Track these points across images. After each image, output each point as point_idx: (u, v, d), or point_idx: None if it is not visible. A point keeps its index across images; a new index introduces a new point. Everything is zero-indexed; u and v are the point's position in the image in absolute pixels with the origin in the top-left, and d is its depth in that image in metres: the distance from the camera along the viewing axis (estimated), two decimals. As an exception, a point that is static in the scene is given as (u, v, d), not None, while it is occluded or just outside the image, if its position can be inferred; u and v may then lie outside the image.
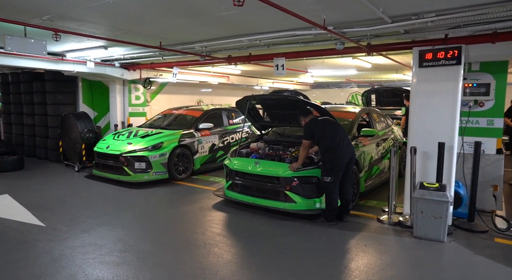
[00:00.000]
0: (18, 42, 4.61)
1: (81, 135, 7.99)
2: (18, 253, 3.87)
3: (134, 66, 9.05)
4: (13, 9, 4.27)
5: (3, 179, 7.32)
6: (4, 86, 10.74)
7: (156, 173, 6.82)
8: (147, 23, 4.98)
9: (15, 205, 5.55)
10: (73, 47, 6.98)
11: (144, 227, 4.78)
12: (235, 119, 9.07)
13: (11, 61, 7.09)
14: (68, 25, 4.93)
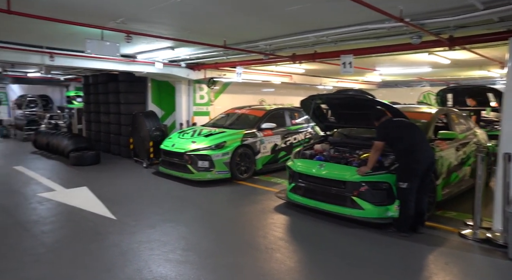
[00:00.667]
0: (96, 45, 4.90)
1: (149, 133, 8.38)
2: (92, 244, 4.08)
3: (199, 66, 9.28)
4: (92, 14, 4.53)
5: (83, 172, 7.94)
6: (86, 87, 11.75)
7: (219, 172, 6.87)
8: (213, 21, 4.99)
9: (92, 197, 5.94)
10: (143, 49, 7.32)
11: (206, 226, 4.80)
12: (297, 119, 8.85)
13: (90, 64, 7.67)
14: (139, 26, 5.13)
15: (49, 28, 5.25)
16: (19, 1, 3.91)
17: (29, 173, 7.77)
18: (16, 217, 4.98)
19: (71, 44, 6.77)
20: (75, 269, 3.51)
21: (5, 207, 5.37)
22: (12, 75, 13.57)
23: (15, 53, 6.84)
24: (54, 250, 3.93)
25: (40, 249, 3.96)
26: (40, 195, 6.05)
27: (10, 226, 4.63)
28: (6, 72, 12.17)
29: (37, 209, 5.37)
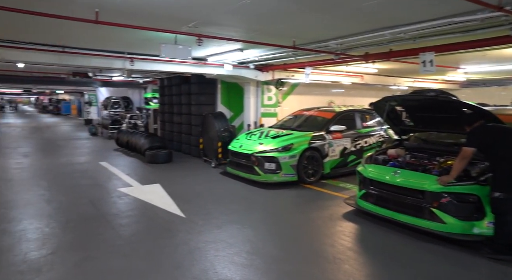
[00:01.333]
0: (170, 49, 5.14)
1: (218, 133, 8.60)
2: (163, 240, 4.26)
3: (267, 68, 9.28)
4: (167, 19, 4.75)
5: (157, 170, 8.43)
6: (161, 89, 12.53)
7: (285, 174, 6.77)
8: (282, 22, 4.91)
9: (164, 194, 6.25)
10: (214, 51, 7.53)
11: (271, 230, 4.73)
12: (369, 122, 8.38)
13: (165, 67, 8.14)
14: (209, 30, 5.25)
15: (129, 35, 5.64)
16: (104, 12, 4.23)
17: (112, 169, 8.47)
18: (100, 209, 5.43)
19: (148, 49, 7.22)
20: (148, 263, 3.68)
21: (92, 200, 5.89)
22: (100, 79, 15.01)
23: (102, 59, 7.53)
24: (130, 243, 4.18)
25: (118, 241, 4.24)
26: (119, 190, 6.54)
27: (95, 217, 5.05)
28: (96, 76, 13.49)
29: (116, 203, 5.80)
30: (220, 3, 4.07)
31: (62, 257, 3.79)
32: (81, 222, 4.84)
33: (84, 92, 25.38)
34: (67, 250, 3.98)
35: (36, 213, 5.22)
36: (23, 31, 5.84)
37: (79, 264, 3.63)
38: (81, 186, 6.84)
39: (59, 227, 4.65)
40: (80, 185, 6.87)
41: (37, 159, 9.80)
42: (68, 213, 5.22)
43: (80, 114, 28.73)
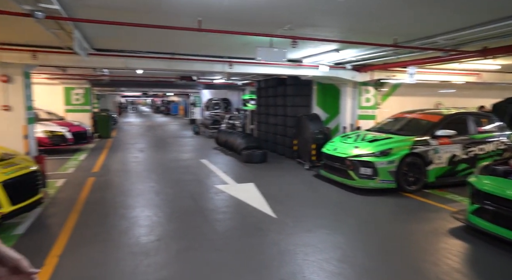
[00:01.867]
0: (265, 52, 5.27)
1: (312, 135, 8.51)
2: (254, 239, 4.39)
3: (365, 68, 8.84)
4: (263, 24, 4.88)
5: (251, 169, 8.75)
6: (258, 91, 12.97)
7: (383, 181, 6.35)
8: (381, 18, 4.60)
9: (257, 194, 6.44)
10: (309, 53, 7.48)
11: (364, 239, 4.47)
12: (486, 126, 7.32)
13: (261, 69, 8.40)
14: (304, 31, 5.23)
15: (228, 40, 5.97)
16: (207, 20, 4.55)
17: (211, 166, 9.08)
18: (199, 203, 5.86)
19: (245, 53, 7.53)
20: (238, 260, 3.82)
21: (193, 194, 6.40)
22: (203, 82, 16.24)
23: (204, 64, 8.15)
24: (223, 239, 4.40)
25: (213, 235, 4.51)
26: (216, 186, 6.96)
27: (194, 211, 5.47)
28: (199, 79, 14.65)
29: (213, 199, 6.19)
30: (316, 4, 4.02)
31: (166, 244, 4.19)
32: (183, 214, 5.29)
33: (189, 94, 27.83)
34: (171, 238, 4.39)
35: (146, 202, 5.88)
36: (142, 42, 6.66)
37: (180, 253, 3.97)
38: (184, 180, 7.48)
39: (165, 217, 5.16)
40: (184, 180, 7.53)
41: (149, 154, 11.08)
42: (172, 205, 5.76)
43: (186, 114, 31.55)
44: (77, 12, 4.40)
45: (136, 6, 4.21)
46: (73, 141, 11.16)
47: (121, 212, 5.33)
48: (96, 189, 6.65)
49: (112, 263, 3.68)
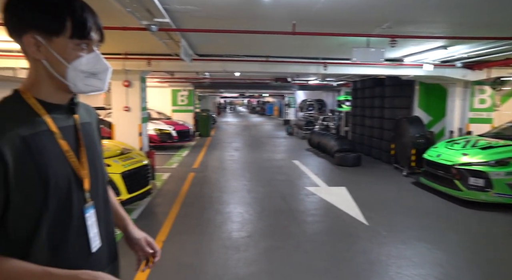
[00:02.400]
0: (361, 52, 5.06)
1: (412, 139, 7.87)
2: (343, 244, 4.27)
3: (480, 65, 7.80)
4: (360, 24, 4.70)
5: (344, 173, 8.50)
6: (354, 92, 12.52)
7: (498, 194, 5.54)
8: (502, 9, 4.01)
9: (348, 198, 6.24)
10: (410, 51, 6.93)
11: (471, 259, 3.97)
12: None
13: (357, 70, 8.10)
14: (405, 29, 4.87)
15: (323, 42, 5.90)
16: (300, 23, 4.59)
17: (302, 167, 9.10)
18: (289, 204, 5.94)
19: (341, 54, 7.34)
20: (326, 265, 3.77)
21: (283, 194, 6.52)
22: (297, 83, 16.33)
23: (298, 66, 8.21)
24: (312, 241, 4.39)
25: (302, 237, 4.52)
26: (307, 188, 6.95)
27: (284, 211, 5.57)
28: (294, 81, 14.78)
29: (304, 200, 6.19)
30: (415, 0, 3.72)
31: (256, 241, 4.36)
32: (272, 213, 5.43)
33: (284, 95, 28.26)
34: (260, 236, 4.55)
35: (239, 200, 6.19)
36: (239, 47, 7.03)
37: (268, 251, 4.09)
38: (276, 180, 7.65)
39: (255, 215, 5.36)
40: (275, 180, 7.70)
41: (244, 153, 11.60)
42: (263, 204, 5.94)
43: (280, 115, 32.12)
44: (184, 23, 4.87)
45: (234, 14, 4.47)
46: (178, 139, 12.34)
47: (216, 207, 5.72)
48: (195, 183, 7.25)
49: (206, 254, 3.97)
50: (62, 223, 1.02)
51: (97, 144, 1.21)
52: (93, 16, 1.03)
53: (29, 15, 0.97)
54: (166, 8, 4.03)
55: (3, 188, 0.91)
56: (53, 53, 0.99)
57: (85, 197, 1.08)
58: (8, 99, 1.02)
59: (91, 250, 1.10)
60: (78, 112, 1.14)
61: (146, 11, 3.81)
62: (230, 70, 8.48)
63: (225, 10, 4.26)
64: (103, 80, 1.07)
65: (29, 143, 0.95)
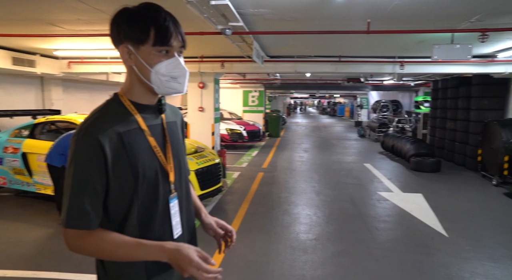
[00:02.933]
0: (444, 50, 4.66)
1: (504, 145, 7.02)
2: (418, 255, 3.99)
3: None
4: (443, 18, 4.33)
5: (421, 179, 7.92)
6: (434, 92, 11.58)
7: None
8: None
9: (425, 206, 5.80)
10: (506, 46, 6.18)
11: None
12: None
13: (438, 69, 7.49)
14: (499, 21, 4.36)
15: (399, 39, 5.57)
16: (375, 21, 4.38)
17: (374, 171, 8.69)
18: (359, 208, 5.72)
19: (420, 52, 6.87)
20: (398, 275, 3.56)
21: (353, 198, 6.30)
22: (371, 83, 15.65)
23: (372, 65, 7.87)
24: (382, 249, 4.17)
25: (372, 243, 4.33)
26: (379, 193, 6.62)
27: (353, 215, 5.38)
28: (367, 81, 14.18)
29: (375, 206, 5.92)
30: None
31: (323, 244, 4.29)
32: (341, 217, 5.28)
33: (357, 95, 27.26)
34: (328, 239, 4.46)
35: (307, 201, 6.14)
36: (310, 47, 6.97)
37: (335, 255, 3.99)
38: (345, 183, 7.43)
39: (323, 218, 5.27)
40: (344, 183, 7.48)
41: (313, 155, 11.46)
42: (331, 207, 5.82)
43: (352, 116, 31.06)
44: (256, 25, 4.98)
45: (306, 16, 4.45)
46: (248, 139, 12.65)
47: (284, 207, 5.74)
48: (264, 183, 7.36)
49: (274, 253, 4.02)
50: (149, 210, 1.16)
51: (181, 141, 1.34)
52: (174, 25, 1.13)
53: (123, 28, 1.13)
54: (240, 12, 4.17)
55: (105, 176, 1.07)
56: (140, 59, 1.13)
57: (171, 188, 1.22)
58: (110, 101, 1.20)
59: (173, 236, 1.22)
60: (165, 112, 1.27)
61: (221, 16, 3.98)
62: (301, 71, 8.45)
63: (297, 11, 4.26)
64: (182, 84, 1.17)
65: (123, 138, 1.11)
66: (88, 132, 1.07)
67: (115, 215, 1.13)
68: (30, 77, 8.59)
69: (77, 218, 1.06)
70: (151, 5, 1.13)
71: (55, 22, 4.84)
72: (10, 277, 3.47)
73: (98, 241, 1.08)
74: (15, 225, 4.86)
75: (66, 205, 1.08)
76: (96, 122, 1.10)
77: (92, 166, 1.06)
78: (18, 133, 6.06)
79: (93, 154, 1.06)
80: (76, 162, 1.07)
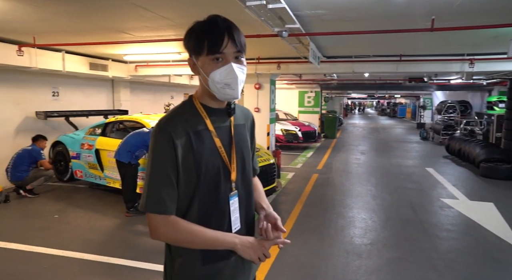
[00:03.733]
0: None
1: None
2: (487, 270, 3.70)
3: None
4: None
5: (492, 186, 7.29)
6: (510, 92, 10.53)
7: None
8: None
9: (497, 216, 5.34)
10: None
11: None
12: None
13: None
14: None
15: (468, 36, 5.18)
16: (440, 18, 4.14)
17: (437, 176, 8.16)
18: (419, 215, 5.43)
19: (492, 48, 6.31)
20: (461, 288, 3.35)
21: (412, 204, 6.00)
22: (436, 83, 14.68)
23: (437, 64, 7.40)
24: (445, 259, 3.93)
25: (433, 252, 4.10)
26: (443, 200, 6.22)
27: (413, 222, 5.13)
28: (431, 80, 13.33)
29: (437, 213, 5.57)
30: None
31: (378, 250, 4.15)
32: (399, 223, 5.06)
33: (420, 95, 25.71)
34: (383, 245, 4.30)
35: (363, 205, 5.96)
36: (368, 47, 6.75)
37: (392, 262, 3.84)
38: (404, 188, 7.08)
39: (379, 223, 5.09)
40: (404, 188, 7.13)
41: (371, 157, 11.07)
42: (388, 212, 5.59)
43: (414, 117, 29.37)
44: (313, 27, 4.96)
45: (365, 15, 4.34)
46: (303, 140, 12.58)
47: (339, 210, 5.65)
48: (318, 185, 7.29)
49: (326, 256, 3.98)
50: (209, 204, 1.27)
51: (247, 143, 1.42)
52: (229, 33, 1.21)
53: (187, 42, 1.27)
54: (296, 14, 4.19)
55: (176, 169, 1.21)
56: (199, 69, 1.25)
57: (231, 186, 1.31)
58: (185, 102, 1.33)
59: (232, 231, 1.32)
60: (234, 115, 1.37)
61: (278, 19, 4.03)
62: (359, 71, 8.22)
63: (356, 11, 4.18)
64: (236, 90, 1.24)
65: (192, 137, 1.22)
66: (163, 128, 1.21)
67: (180, 204, 1.25)
68: (103, 80, 9.40)
69: (154, 203, 1.20)
70: (209, 18, 1.23)
71: (125, 29, 5.27)
72: (87, 260, 3.87)
73: (178, 227, 1.21)
74: (89, 214, 5.38)
75: (145, 192, 1.22)
76: (170, 120, 1.23)
77: (167, 158, 1.19)
78: (92, 131, 6.68)
79: (167, 148, 1.19)
80: (153, 154, 1.21)
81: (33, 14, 4.32)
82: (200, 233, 1.22)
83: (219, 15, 1.24)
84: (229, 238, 1.26)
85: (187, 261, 1.27)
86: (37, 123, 7.50)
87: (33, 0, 3.76)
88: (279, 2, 3.39)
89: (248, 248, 1.26)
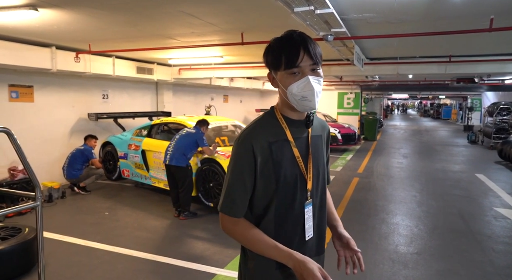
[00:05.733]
0: None
1: None
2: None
3: None
4: None
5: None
6: None
7: None
8: None
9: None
10: None
11: None
12: None
13: None
14: None
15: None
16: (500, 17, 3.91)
17: (489, 183, 7.70)
18: (469, 225, 5.16)
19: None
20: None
21: (462, 212, 5.71)
22: (487, 83, 13.82)
23: (492, 64, 6.97)
24: (503, 275, 3.70)
25: (487, 266, 3.88)
26: (496, 209, 5.87)
27: (463, 232, 4.88)
28: (483, 80, 12.58)
29: (491, 223, 5.26)
30: None
31: (426, 260, 4.00)
32: (448, 232, 4.84)
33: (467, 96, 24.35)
34: (431, 255, 4.14)
35: (407, 212, 5.76)
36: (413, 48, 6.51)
37: (441, 274, 3.69)
38: (452, 195, 6.76)
39: (426, 231, 4.90)
40: (451, 194, 6.80)
41: (414, 161, 10.65)
42: (435, 220, 5.36)
43: (460, 119, 27.87)
44: (359, 30, 4.87)
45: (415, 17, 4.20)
46: (342, 142, 12.36)
47: (382, 216, 5.50)
48: (359, 189, 7.13)
49: (370, 264, 3.89)
50: (285, 210, 1.33)
51: (323, 154, 1.47)
52: (305, 47, 1.25)
53: (266, 59, 1.35)
54: (343, 18, 4.14)
55: (254, 176, 1.29)
56: (278, 83, 1.32)
57: (307, 195, 1.37)
58: (267, 113, 1.40)
59: (305, 238, 1.38)
60: (311, 127, 1.42)
61: (324, 23, 4.00)
62: (404, 73, 7.95)
63: (407, 13, 4.05)
64: (313, 101, 1.28)
65: (272, 147, 1.29)
66: (245, 138, 1.30)
67: (257, 209, 1.33)
68: (148, 83, 9.79)
69: (227, 206, 1.30)
70: (286, 34, 1.31)
71: (172, 35, 5.46)
72: (136, 256, 4.06)
73: (243, 231, 1.30)
74: (136, 212, 5.64)
75: (222, 194, 1.32)
76: (252, 131, 1.31)
77: (245, 166, 1.28)
78: (139, 132, 6.99)
79: (247, 157, 1.27)
80: (234, 161, 1.31)
81: (91, 24, 4.61)
82: (260, 243, 1.27)
83: (295, 30, 1.30)
84: (284, 257, 1.24)
85: (261, 264, 1.33)
86: (89, 124, 7.96)
87: (93, 12, 4.01)
88: (327, 7, 3.37)
89: (304, 272, 1.18)
